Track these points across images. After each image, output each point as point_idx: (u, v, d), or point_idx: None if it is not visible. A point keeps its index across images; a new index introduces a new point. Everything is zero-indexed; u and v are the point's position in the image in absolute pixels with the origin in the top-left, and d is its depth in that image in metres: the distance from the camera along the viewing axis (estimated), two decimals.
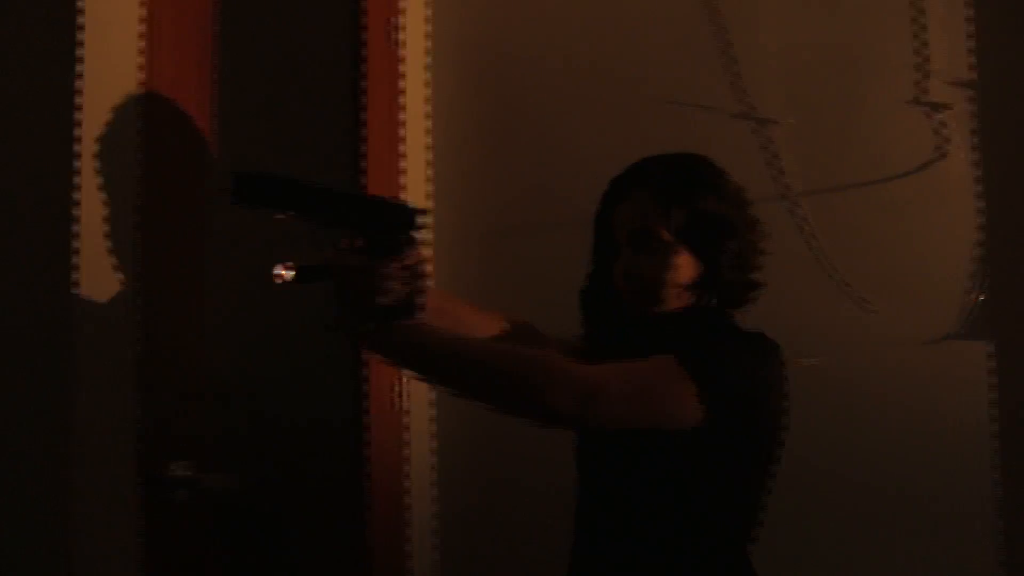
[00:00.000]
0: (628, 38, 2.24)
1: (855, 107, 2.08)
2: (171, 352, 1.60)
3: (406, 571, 2.17)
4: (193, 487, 1.59)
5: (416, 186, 2.28)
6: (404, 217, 1.23)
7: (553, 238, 2.20)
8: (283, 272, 1.23)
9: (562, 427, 1.35)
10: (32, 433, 1.46)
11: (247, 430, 1.82)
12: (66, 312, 1.43)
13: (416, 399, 2.21)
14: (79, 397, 1.43)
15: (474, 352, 1.28)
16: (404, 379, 2.16)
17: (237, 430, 1.77)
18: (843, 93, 2.09)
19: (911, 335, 2.00)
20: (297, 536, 1.95)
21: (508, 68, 2.34)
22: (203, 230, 1.69)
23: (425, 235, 1.27)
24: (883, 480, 1.97)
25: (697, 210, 1.38)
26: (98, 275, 1.46)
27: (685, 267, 1.39)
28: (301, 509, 1.96)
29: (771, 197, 2.05)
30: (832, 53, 2.10)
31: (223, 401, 1.71)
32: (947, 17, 1.99)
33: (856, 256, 2.05)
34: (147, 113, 1.56)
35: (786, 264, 2.02)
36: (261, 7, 1.95)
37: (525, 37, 2.34)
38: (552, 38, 2.31)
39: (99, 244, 1.47)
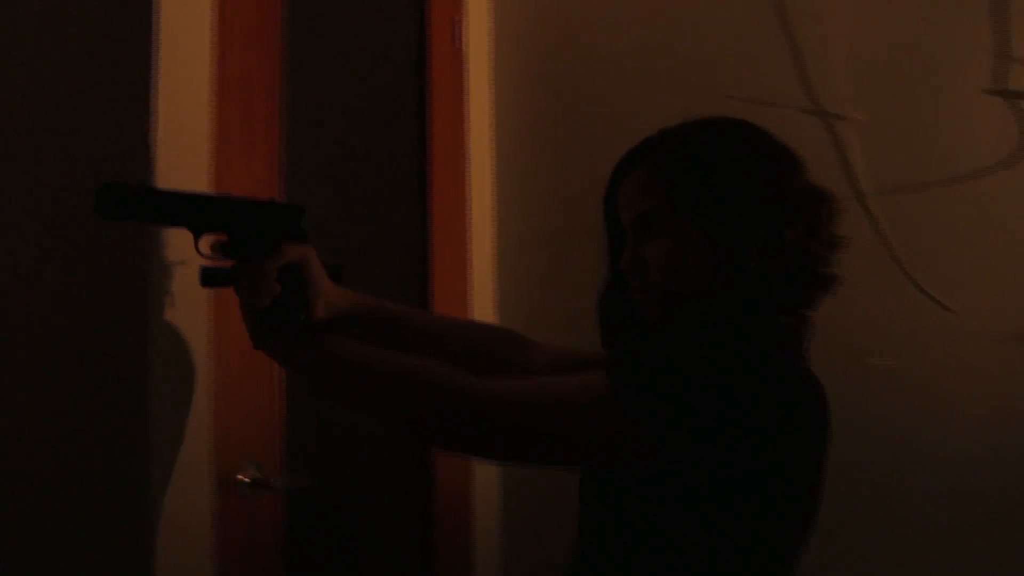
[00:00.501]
0: (693, 35, 2.21)
1: (929, 100, 2.02)
2: (243, 355, 1.62)
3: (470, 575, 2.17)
4: (265, 489, 1.61)
5: (480, 187, 2.28)
6: (271, 217, 1.16)
7: None
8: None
9: (447, 449, 1.16)
10: (111, 437, 1.49)
11: (317, 432, 1.84)
12: (143, 317, 1.46)
13: None
14: (155, 403, 1.46)
15: (364, 363, 1.12)
16: None
17: (308, 432, 1.79)
18: (916, 85, 2.03)
19: (990, 335, 1.94)
20: (365, 538, 1.96)
21: (572, 67, 2.32)
22: None
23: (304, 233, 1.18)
24: (962, 484, 1.92)
25: (712, 183, 1.11)
26: (173, 278, 1.49)
27: (699, 255, 1.11)
28: (369, 511, 1.98)
29: (843, 196, 2.00)
30: (903, 43, 2.04)
31: (294, 403, 1.72)
32: None
33: (932, 255, 1.99)
34: (218, 116, 1.58)
35: (859, 264, 1.98)
36: (328, 8, 1.96)
37: (588, 35, 2.32)
38: (616, 36, 2.29)
39: (174, 248, 1.49)
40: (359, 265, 1.96)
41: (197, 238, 1.14)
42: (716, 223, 1.10)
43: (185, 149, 1.51)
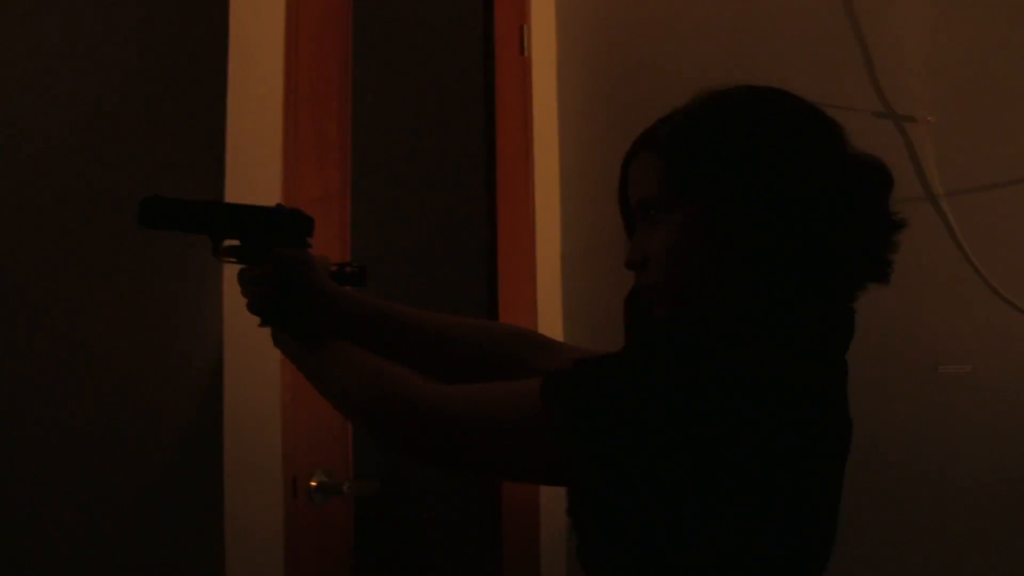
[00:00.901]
0: (761, 38, 2.18)
1: (1002, 100, 1.97)
2: None
3: None
4: (334, 494, 1.63)
5: (546, 194, 2.29)
6: (270, 223, 1.19)
7: None
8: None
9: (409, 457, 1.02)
10: (186, 444, 1.53)
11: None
12: (216, 325, 1.49)
13: None
14: (228, 410, 1.49)
15: (343, 367, 1.07)
16: None
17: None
18: (988, 86, 1.99)
19: None
20: (432, 543, 1.98)
21: (635, 73, 2.31)
22: (344, 234, 1.73)
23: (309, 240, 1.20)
24: None
25: (714, 161, 0.97)
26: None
27: (702, 246, 0.97)
28: (436, 516, 1.99)
29: (915, 198, 1.97)
30: (975, 44, 2.00)
31: None
32: None
33: (1007, 257, 1.94)
34: (289, 127, 1.61)
35: (932, 268, 1.95)
36: (395, 17, 1.99)
37: (651, 41, 2.31)
38: (680, 41, 2.27)
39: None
40: (426, 273, 1.98)
41: (215, 244, 1.16)
42: (720, 208, 0.96)
43: (257, 159, 1.54)
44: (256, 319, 1.14)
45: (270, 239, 1.17)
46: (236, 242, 1.17)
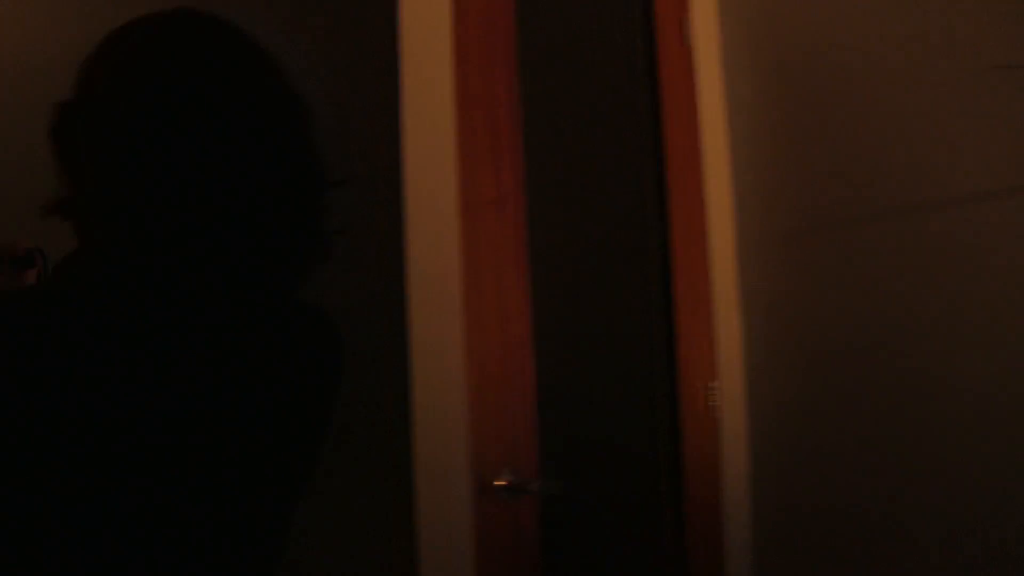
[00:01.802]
0: (927, 8, 2.06)
1: None
2: (496, 362, 1.66)
3: None
4: (521, 493, 1.64)
5: (717, 185, 2.23)
6: None
7: (865, 233, 2.07)
8: None
9: None
10: (377, 445, 1.56)
11: (569, 437, 1.85)
12: (402, 328, 1.52)
13: (729, 400, 2.16)
14: (417, 412, 1.52)
15: None
16: (717, 380, 2.12)
17: (559, 437, 1.81)
18: None
19: None
20: (618, 542, 1.96)
21: (802, 57, 2.23)
22: (519, 234, 1.73)
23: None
24: None
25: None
26: (428, 288, 1.54)
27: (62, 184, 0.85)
28: (621, 515, 1.97)
29: None
30: None
31: (545, 409, 1.74)
32: None
33: None
34: (463, 130, 1.62)
35: None
36: (557, 16, 1.99)
37: (816, 23, 2.22)
38: (850, 20, 2.17)
39: (427, 256, 1.55)
40: (600, 270, 1.97)
41: None
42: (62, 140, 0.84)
43: (433, 163, 1.56)
44: None
45: None
46: None
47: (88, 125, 0.82)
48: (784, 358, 2.15)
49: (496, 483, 1.61)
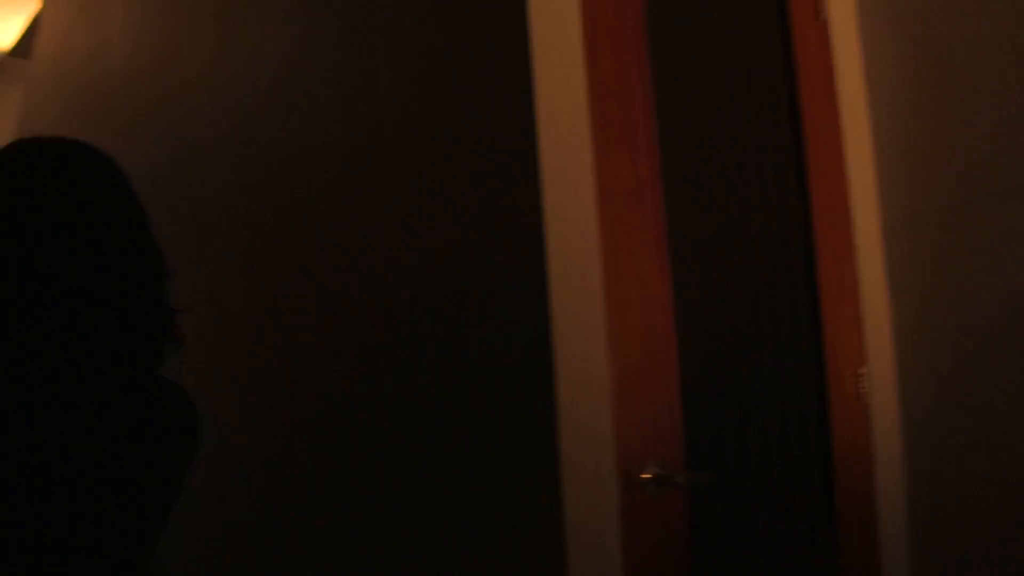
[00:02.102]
0: None
1: None
2: (640, 353, 1.64)
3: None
4: (668, 486, 1.61)
5: (859, 164, 2.14)
6: None
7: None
8: None
9: None
10: (524, 442, 1.57)
11: (714, 428, 1.81)
12: (545, 321, 1.51)
13: (880, 388, 2.07)
14: (562, 404, 1.51)
15: None
16: (866, 366, 2.04)
17: (705, 428, 1.77)
18: None
19: None
20: (767, 534, 1.91)
21: (949, 21, 2.12)
22: (659, 224, 1.70)
23: None
24: None
25: None
26: (568, 281, 1.53)
27: None
28: (769, 507, 1.92)
29: None
30: None
31: (690, 400, 1.71)
32: None
33: None
34: (597, 120, 1.60)
35: None
36: (687, 2, 1.95)
37: None
38: None
39: (567, 249, 1.54)
40: (741, 257, 1.91)
41: None
42: None
43: (569, 154, 1.55)
44: None
45: None
46: None
47: None
48: (938, 341, 2.05)
49: (642, 476, 1.59)
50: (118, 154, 1.13)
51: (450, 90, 1.72)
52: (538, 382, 1.52)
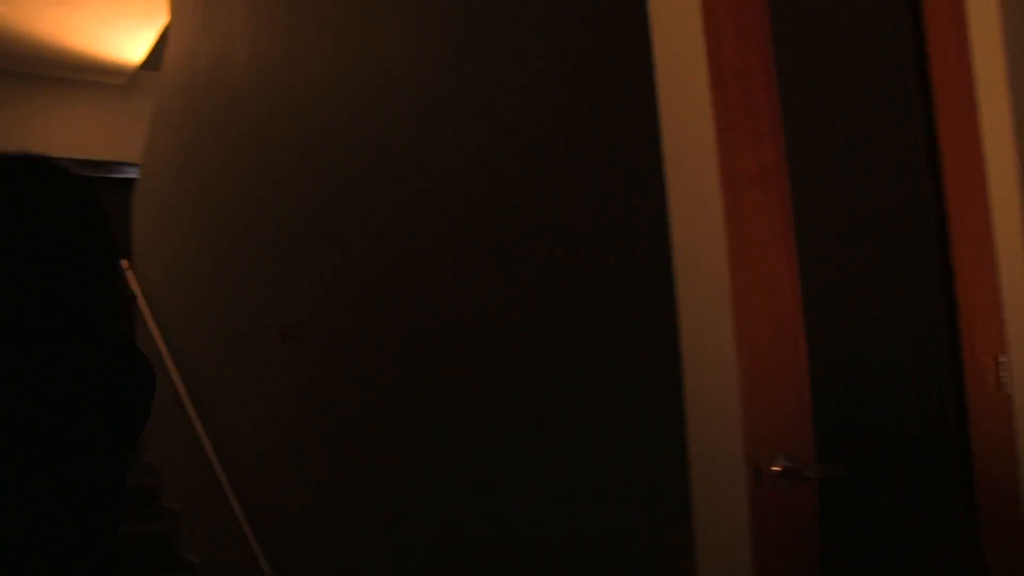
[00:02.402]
0: None
1: None
2: (769, 343, 1.60)
3: None
4: (798, 479, 1.57)
5: (997, 137, 2.03)
6: None
7: None
8: None
9: None
10: (652, 434, 1.55)
11: (846, 420, 1.76)
12: (671, 313, 1.49)
13: (1021, 375, 1.97)
14: (690, 397, 1.49)
15: None
16: (1006, 353, 1.94)
17: (836, 420, 1.72)
18: None
19: None
20: (902, 529, 1.84)
21: None
22: (785, 209, 1.66)
23: None
24: None
25: None
26: (694, 269, 1.50)
27: None
28: (904, 501, 1.85)
29: None
30: None
31: (821, 390, 1.66)
32: None
33: None
34: (719, 105, 1.57)
35: None
36: None
37: None
38: None
39: (691, 236, 1.51)
40: (868, 239, 1.85)
41: None
42: None
43: (693, 140, 1.52)
44: None
45: None
46: None
47: None
48: None
49: (772, 468, 1.55)
50: (238, 155, 1.17)
51: (571, 80, 1.71)
52: (664, 374, 1.50)
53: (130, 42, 6.23)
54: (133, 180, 5.45)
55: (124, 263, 4.93)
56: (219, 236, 3.80)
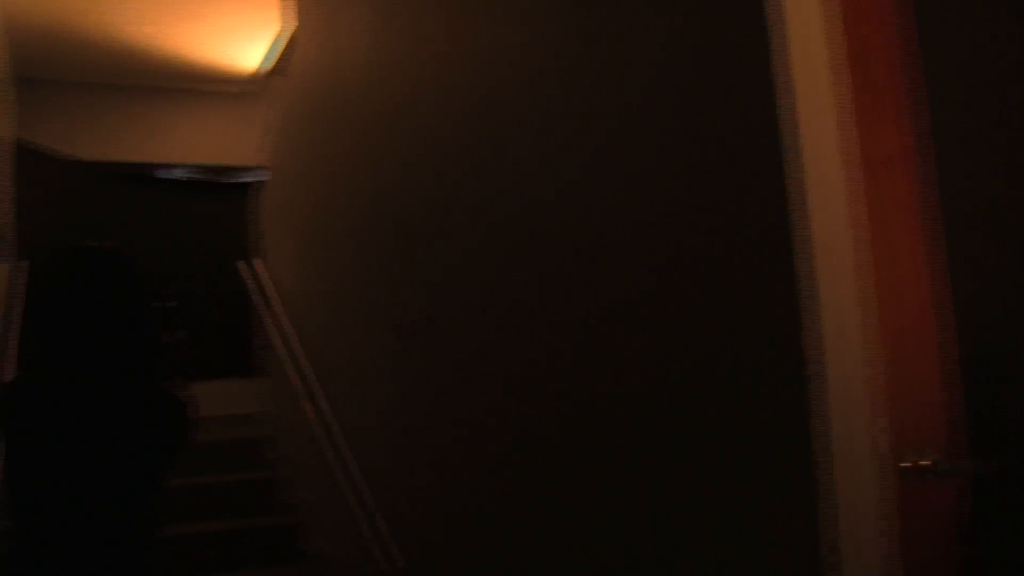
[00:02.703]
0: None
1: None
2: (911, 332, 1.53)
3: None
4: (947, 475, 1.50)
5: None
6: None
7: None
8: None
9: None
10: (790, 429, 1.50)
11: (1000, 413, 1.67)
12: (809, 311, 1.44)
13: None
14: (830, 393, 1.44)
15: None
16: None
17: (989, 413, 1.63)
18: None
19: None
20: None
21: None
22: (924, 195, 1.58)
23: None
24: None
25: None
26: (830, 255, 1.45)
27: None
28: None
29: None
30: None
31: (972, 381, 1.58)
32: None
33: None
34: (853, 85, 1.51)
35: None
36: None
37: None
38: None
39: (826, 222, 1.46)
40: (1019, 219, 1.74)
41: None
42: None
43: (825, 121, 1.47)
44: None
45: None
46: None
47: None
48: None
49: (919, 464, 1.49)
50: (357, 156, 1.18)
51: (694, 62, 1.68)
52: (801, 369, 1.46)
53: (248, 52, 6.44)
54: (255, 184, 5.63)
55: (253, 263, 5.10)
56: (342, 236, 3.88)
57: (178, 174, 6.93)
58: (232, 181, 6.84)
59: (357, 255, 3.66)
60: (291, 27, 4.88)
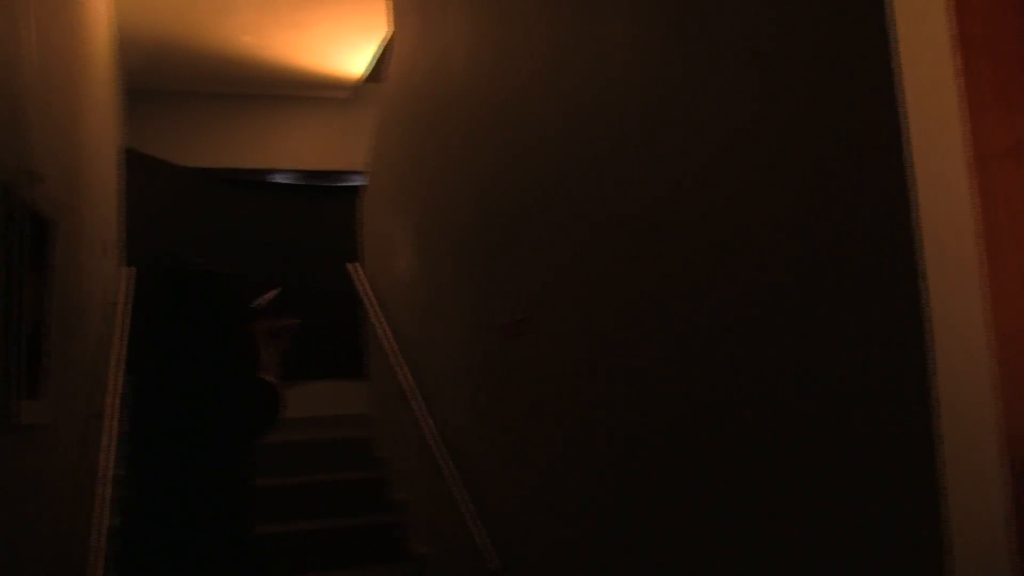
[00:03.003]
0: None
1: None
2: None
3: None
4: None
5: None
6: None
7: None
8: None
9: None
10: (901, 430, 1.46)
11: None
12: (920, 301, 1.40)
13: None
14: (943, 395, 1.40)
15: None
16: None
17: None
18: None
19: None
20: None
21: None
22: None
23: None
24: None
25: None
26: (943, 252, 1.41)
27: None
28: None
29: None
30: None
31: None
32: None
33: None
34: (966, 68, 1.46)
35: None
36: None
37: None
38: None
39: (940, 217, 1.42)
40: None
41: None
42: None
43: (938, 113, 1.43)
44: None
45: None
46: None
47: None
48: None
49: None
50: (457, 159, 1.18)
51: (805, 58, 1.64)
52: (913, 364, 1.41)
53: (352, 57, 6.56)
54: (357, 188, 5.73)
55: (354, 265, 5.21)
56: (441, 238, 3.92)
57: (287, 179, 7.12)
58: (342, 184, 6.98)
59: (457, 256, 3.70)
60: (390, 32, 4.96)
